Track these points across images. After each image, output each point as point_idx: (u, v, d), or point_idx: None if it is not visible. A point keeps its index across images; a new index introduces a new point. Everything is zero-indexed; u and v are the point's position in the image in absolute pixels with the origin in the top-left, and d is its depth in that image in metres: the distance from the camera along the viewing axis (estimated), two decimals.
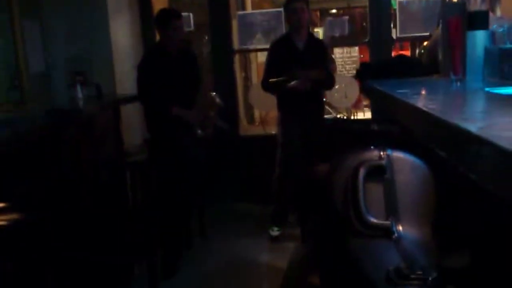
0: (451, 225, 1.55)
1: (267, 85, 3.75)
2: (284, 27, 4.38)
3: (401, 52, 5.97)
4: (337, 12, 8.05)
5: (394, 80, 2.20)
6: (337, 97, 5.07)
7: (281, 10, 4.23)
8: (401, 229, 1.43)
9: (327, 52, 4.01)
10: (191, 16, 4.73)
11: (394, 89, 1.75)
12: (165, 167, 3.41)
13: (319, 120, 3.72)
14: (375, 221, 1.43)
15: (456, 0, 1.78)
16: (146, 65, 3.43)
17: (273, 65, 3.73)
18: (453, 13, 1.79)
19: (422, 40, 4.17)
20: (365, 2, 4.48)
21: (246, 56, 6.03)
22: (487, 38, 1.57)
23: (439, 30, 2.14)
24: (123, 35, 4.41)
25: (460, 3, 1.75)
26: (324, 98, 4.29)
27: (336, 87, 4.42)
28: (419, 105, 1.29)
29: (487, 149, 0.76)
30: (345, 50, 7.49)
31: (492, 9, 1.73)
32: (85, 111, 3.32)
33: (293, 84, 3.56)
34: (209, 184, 4.26)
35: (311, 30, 4.09)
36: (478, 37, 1.60)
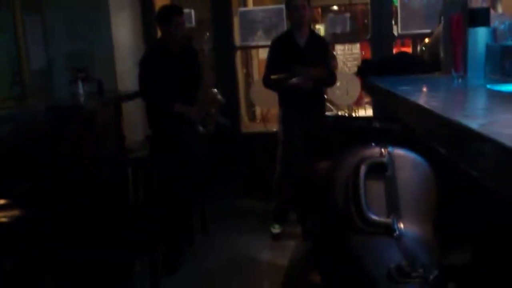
0: (452, 223, 1.56)
1: (268, 82, 3.75)
2: (285, 24, 4.37)
3: (402, 49, 5.96)
4: (339, 9, 8.03)
5: (396, 77, 2.20)
6: (339, 94, 5.06)
7: (283, 7, 4.23)
8: (402, 226, 1.43)
9: (328, 49, 4.00)
10: (193, 12, 4.73)
11: (395, 86, 1.75)
12: (166, 163, 3.41)
13: (320, 117, 3.71)
14: (376, 218, 1.43)
15: None
16: (148, 62, 3.43)
17: (275, 62, 3.73)
18: (455, 10, 1.79)
19: (424, 37, 4.16)
20: None
21: (247, 53, 6.02)
22: (489, 35, 1.57)
23: (440, 27, 2.14)
24: (125, 32, 4.41)
25: (461, 0, 1.74)
26: (326, 95, 4.28)
27: (338, 84, 4.41)
28: (420, 102, 1.29)
29: (488, 146, 0.76)
30: (346, 47, 7.48)
31: (493, 6, 1.73)
32: (87, 107, 3.31)
33: (294, 81, 3.56)
34: (211, 180, 4.27)
35: (312, 27, 4.08)
36: (480, 34, 1.60)
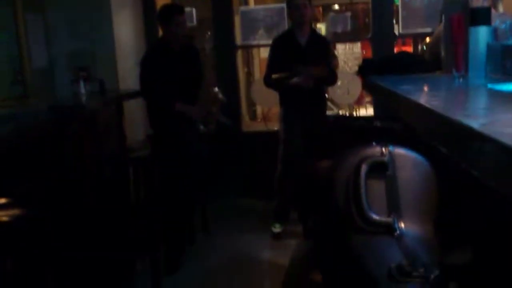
0: (453, 222, 1.56)
1: (269, 81, 3.75)
2: (286, 23, 4.37)
3: (403, 48, 5.96)
4: (340, 8, 8.03)
5: (396, 76, 2.20)
6: (340, 93, 5.06)
7: (284, 6, 4.23)
8: (403, 226, 1.43)
9: (329, 48, 4.00)
10: (194, 11, 4.73)
11: (396, 85, 1.75)
12: (168, 162, 3.41)
13: (321, 117, 3.71)
14: (377, 217, 1.43)
15: None
16: (149, 61, 3.43)
17: (276, 61, 3.73)
18: (456, 9, 1.79)
19: (425, 36, 4.16)
20: None
21: (248, 52, 6.02)
22: (490, 34, 1.57)
23: (441, 26, 2.14)
24: (126, 31, 4.41)
25: None
26: (327, 95, 4.28)
27: (339, 83, 4.41)
28: (421, 102, 1.29)
29: (490, 146, 0.76)
30: (347, 46, 7.47)
31: (494, 5, 1.73)
32: (88, 107, 3.32)
33: (295, 80, 3.56)
34: (212, 179, 4.27)
35: (313, 26, 4.08)
36: (481, 33, 1.60)
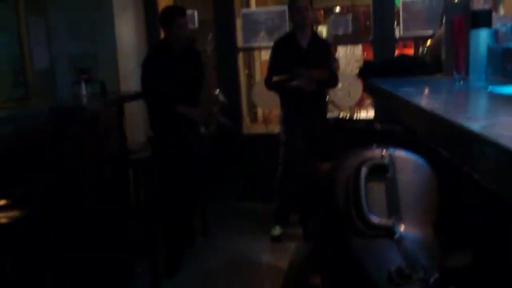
0: (453, 225, 1.55)
1: (270, 83, 3.75)
2: (288, 26, 4.37)
3: (404, 51, 5.96)
4: (341, 11, 8.03)
5: (397, 78, 2.20)
6: (340, 95, 5.06)
7: (285, 8, 4.23)
8: (403, 228, 1.42)
9: (330, 50, 4.00)
10: (196, 13, 4.73)
11: (397, 87, 1.75)
12: (168, 163, 3.42)
13: (322, 119, 3.72)
14: (377, 220, 1.43)
15: None
16: (151, 63, 3.44)
17: (277, 63, 3.73)
18: (456, 12, 1.79)
19: (425, 39, 4.16)
20: (369, 0, 4.47)
21: (249, 54, 6.02)
22: (490, 37, 1.57)
23: (442, 29, 2.14)
24: (128, 32, 4.42)
25: (463, 2, 1.74)
26: (327, 97, 4.28)
27: (339, 85, 4.41)
28: (422, 104, 1.29)
29: (490, 148, 0.76)
30: (348, 48, 7.46)
31: (495, 8, 1.72)
32: (89, 109, 3.32)
33: (296, 83, 3.56)
34: (212, 181, 4.27)
35: (315, 29, 4.08)
36: (481, 36, 1.59)
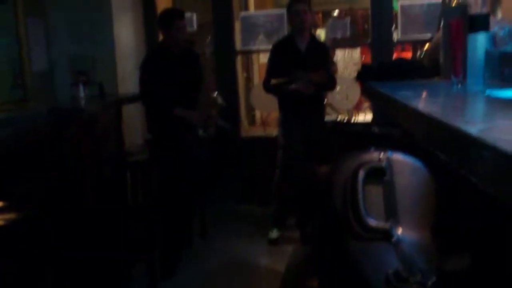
0: (451, 228, 1.55)
1: (268, 86, 3.75)
2: (286, 29, 4.38)
3: (402, 54, 5.97)
4: (339, 14, 8.05)
5: (395, 82, 2.20)
6: (338, 98, 5.06)
7: (284, 11, 4.24)
8: (400, 231, 1.42)
9: (328, 54, 4.01)
10: (195, 16, 4.74)
11: (395, 91, 1.75)
12: (167, 166, 3.41)
13: (320, 122, 3.72)
14: (374, 223, 1.43)
15: (457, 3, 1.78)
16: (149, 65, 3.44)
17: (275, 66, 3.74)
18: (454, 16, 1.79)
19: (423, 43, 4.17)
20: (367, 4, 4.49)
21: (248, 57, 6.03)
22: (488, 41, 1.57)
23: (440, 33, 2.14)
24: (127, 35, 4.42)
25: (461, 6, 1.75)
26: (326, 100, 4.29)
27: (338, 88, 4.42)
28: (419, 108, 1.29)
29: (488, 152, 0.76)
30: (346, 51, 7.47)
31: (493, 12, 1.73)
32: (87, 111, 3.32)
33: (294, 86, 3.56)
34: (210, 184, 4.27)
35: (313, 32, 4.09)
36: (479, 40, 1.60)
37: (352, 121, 5.94)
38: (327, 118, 4.32)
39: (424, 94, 1.78)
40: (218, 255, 3.63)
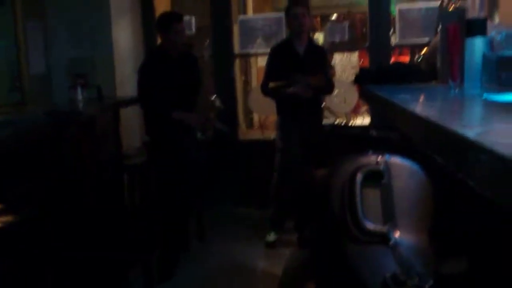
0: (448, 232, 1.55)
1: (266, 90, 3.76)
2: (284, 32, 4.39)
3: (400, 58, 5.98)
4: (338, 18, 8.07)
5: (393, 85, 2.21)
6: (336, 102, 5.07)
7: (282, 15, 4.25)
8: (398, 235, 1.43)
9: (327, 57, 4.02)
10: (193, 19, 4.74)
11: (393, 94, 1.76)
12: (165, 168, 3.41)
13: (317, 125, 3.73)
14: (372, 226, 1.43)
15: (454, 8, 1.79)
16: (147, 68, 3.44)
17: (273, 69, 3.74)
18: (452, 20, 1.80)
19: (421, 47, 4.18)
20: (365, 8, 4.50)
21: (246, 61, 6.03)
22: (485, 45, 1.58)
23: (437, 37, 2.15)
24: (125, 38, 4.42)
25: (458, 10, 1.75)
26: (324, 103, 4.30)
27: (336, 92, 4.42)
28: (417, 111, 1.29)
29: (485, 155, 0.77)
30: (345, 55, 7.49)
31: (490, 16, 1.73)
32: (85, 113, 3.32)
33: (293, 90, 3.57)
34: (208, 186, 4.27)
35: (311, 36, 4.10)
36: (476, 44, 1.60)
37: (350, 124, 5.94)
38: (325, 121, 4.32)
39: (422, 98, 1.79)
40: (215, 257, 3.63)
